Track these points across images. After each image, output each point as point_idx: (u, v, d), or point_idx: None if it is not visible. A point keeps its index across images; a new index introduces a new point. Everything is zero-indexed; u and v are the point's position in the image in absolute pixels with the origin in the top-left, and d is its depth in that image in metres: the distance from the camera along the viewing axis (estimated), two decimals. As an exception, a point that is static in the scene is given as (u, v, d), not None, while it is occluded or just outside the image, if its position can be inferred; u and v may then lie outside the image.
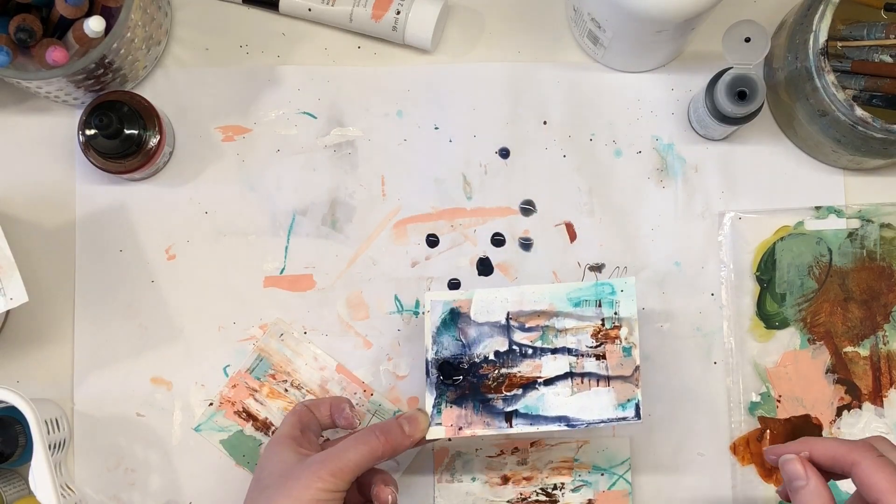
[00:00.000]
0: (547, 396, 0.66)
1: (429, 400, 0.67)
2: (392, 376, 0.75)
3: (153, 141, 0.73)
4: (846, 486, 0.74)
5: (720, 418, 0.75)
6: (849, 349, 0.75)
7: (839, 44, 0.72)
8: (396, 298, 0.76)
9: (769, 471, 0.74)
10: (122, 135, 0.71)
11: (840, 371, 0.75)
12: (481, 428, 0.66)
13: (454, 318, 0.68)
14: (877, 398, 0.74)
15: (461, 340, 0.67)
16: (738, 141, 0.77)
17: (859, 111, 0.67)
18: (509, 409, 0.66)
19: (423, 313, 0.68)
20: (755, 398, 0.75)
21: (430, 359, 0.67)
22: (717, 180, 0.77)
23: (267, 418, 0.75)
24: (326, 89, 0.77)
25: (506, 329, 0.67)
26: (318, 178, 0.77)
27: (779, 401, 0.75)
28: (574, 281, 0.75)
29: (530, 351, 0.67)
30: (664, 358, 0.75)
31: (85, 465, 0.74)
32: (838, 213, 0.76)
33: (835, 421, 0.74)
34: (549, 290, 0.68)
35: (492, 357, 0.67)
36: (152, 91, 0.77)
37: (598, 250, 0.76)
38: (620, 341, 0.67)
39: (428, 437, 0.66)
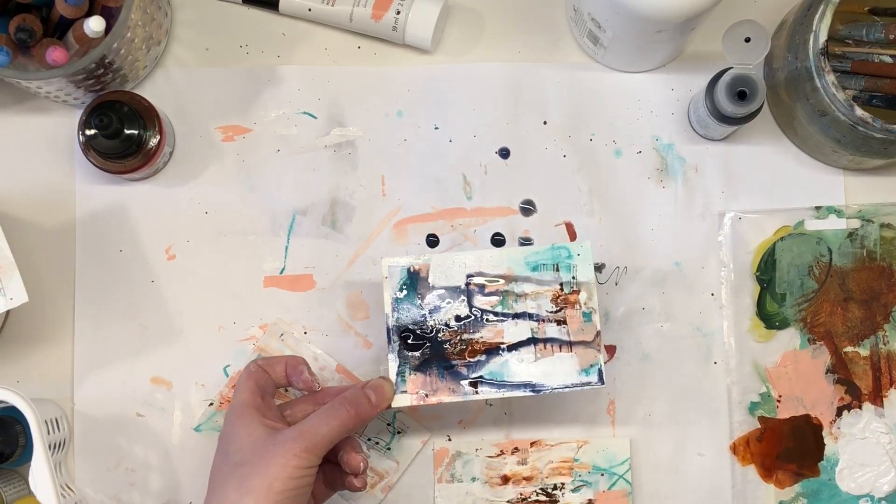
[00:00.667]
0: (511, 363, 0.66)
1: (392, 367, 0.66)
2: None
3: (153, 141, 0.73)
4: (846, 487, 0.74)
5: (720, 418, 0.75)
6: (849, 349, 0.75)
7: (838, 49, 0.72)
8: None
9: (769, 470, 0.74)
10: (122, 135, 0.71)
11: (840, 371, 0.75)
12: (447, 395, 0.66)
13: (413, 284, 0.67)
14: (877, 398, 0.74)
15: (421, 307, 0.67)
16: (738, 141, 0.77)
17: (859, 111, 0.67)
18: (474, 375, 0.66)
19: (383, 279, 0.67)
20: (755, 398, 0.75)
21: (390, 325, 0.67)
22: (717, 180, 0.77)
23: (267, 418, 0.75)
24: (326, 89, 0.77)
25: (465, 293, 0.67)
26: (318, 178, 0.77)
27: (779, 401, 0.75)
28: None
29: (491, 316, 0.67)
30: (664, 358, 0.75)
31: (85, 465, 0.74)
32: (838, 213, 0.76)
33: (835, 421, 0.74)
34: (506, 254, 0.68)
35: (452, 323, 0.67)
36: (152, 91, 0.77)
37: (598, 250, 0.76)
38: (580, 306, 0.67)
39: (394, 405, 0.66)
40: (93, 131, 0.71)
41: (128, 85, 0.76)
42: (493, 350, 0.67)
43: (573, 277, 0.67)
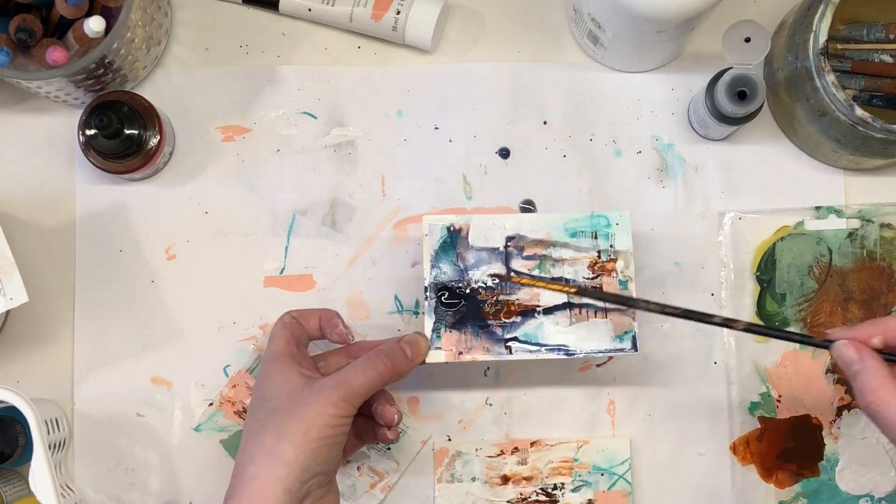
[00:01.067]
0: (546, 325, 0.67)
1: (428, 324, 0.67)
2: (392, 376, 0.75)
3: (153, 141, 0.73)
4: (846, 487, 0.74)
5: (720, 418, 0.75)
6: (849, 349, 0.75)
7: (839, 45, 0.72)
8: (396, 298, 0.76)
9: (769, 471, 0.74)
10: (122, 135, 0.71)
11: (840, 371, 0.75)
12: (481, 353, 0.66)
13: (453, 243, 0.68)
14: (877, 398, 0.74)
15: (459, 265, 0.68)
16: (738, 141, 0.77)
17: (859, 111, 0.67)
18: (509, 335, 0.67)
19: (423, 237, 0.68)
20: (755, 398, 0.75)
21: (428, 283, 0.67)
22: (717, 180, 0.77)
23: (267, 418, 0.75)
24: (326, 89, 0.77)
25: (504, 255, 0.68)
26: (318, 178, 0.77)
27: (779, 401, 0.75)
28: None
29: (528, 279, 0.68)
30: (664, 358, 0.75)
31: (85, 465, 0.74)
32: (838, 213, 0.76)
33: (835, 421, 0.74)
34: (545, 220, 0.68)
35: (490, 283, 0.67)
36: (152, 91, 0.77)
37: (598, 250, 0.76)
38: (617, 274, 0.67)
39: (428, 361, 0.66)
40: (93, 131, 0.71)
41: (128, 85, 0.76)
42: (528, 312, 0.67)
43: (611, 246, 0.68)
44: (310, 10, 0.76)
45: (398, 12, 0.75)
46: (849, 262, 0.75)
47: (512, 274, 0.67)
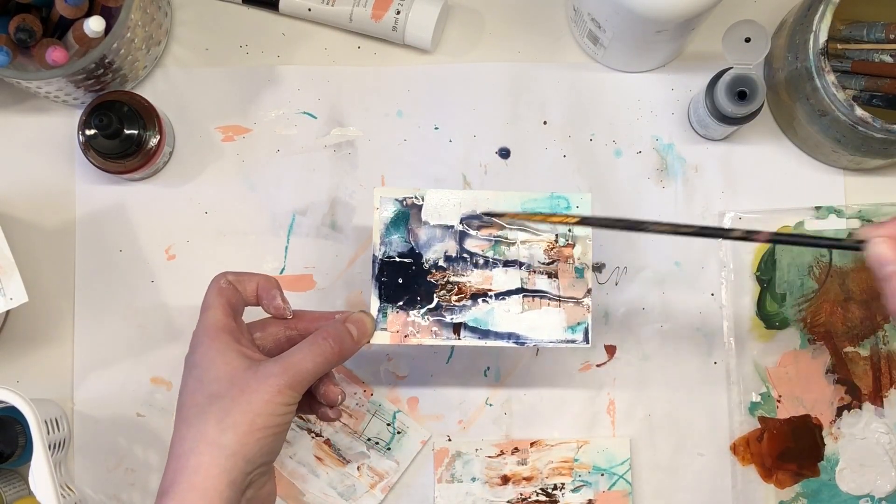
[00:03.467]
0: (497, 311, 0.64)
1: (374, 303, 0.64)
2: (392, 376, 0.75)
3: (153, 141, 0.73)
4: (846, 487, 0.74)
5: (720, 418, 0.75)
6: (849, 349, 0.75)
7: (839, 45, 0.72)
8: (396, 298, 0.76)
9: (769, 471, 0.74)
10: (122, 135, 0.71)
11: (840, 371, 0.75)
12: (428, 337, 0.63)
13: (405, 218, 0.65)
14: (877, 398, 0.74)
15: (411, 242, 0.65)
16: (738, 141, 0.77)
17: (859, 111, 0.67)
18: (458, 320, 0.64)
19: (374, 209, 0.65)
20: (755, 398, 0.75)
21: (377, 258, 0.64)
22: (717, 180, 0.77)
23: (267, 418, 0.75)
24: (326, 89, 0.77)
25: (457, 234, 0.65)
26: (318, 178, 0.77)
27: (779, 401, 0.75)
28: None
29: (482, 261, 0.65)
30: (664, 358, 0.75)
31: (85, 465, 0.74)
32: (838, 213, 0.76)
33: (835, 421, 0.74)
34: (504, 198, 0.65)
35: (441, 263, 0.64)
36: (152, 91, 0.77)
37: (598, 250, 0.76)
38: (573, 261, 0.64)
39: (372, 342, 0.63)
40: (93, 131, 0.71)
41: (128, 85, 0.76)
42: (479, 296, 0.64)
43: (569, 230, 0.65)
44: (310, 10, 0.76)
45: (398, 12, 0.75)
46: (849, 262, 0.75)
47: (497, 218, 0.64)
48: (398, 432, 0.75)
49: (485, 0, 0.78)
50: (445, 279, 0.64)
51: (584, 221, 0.63)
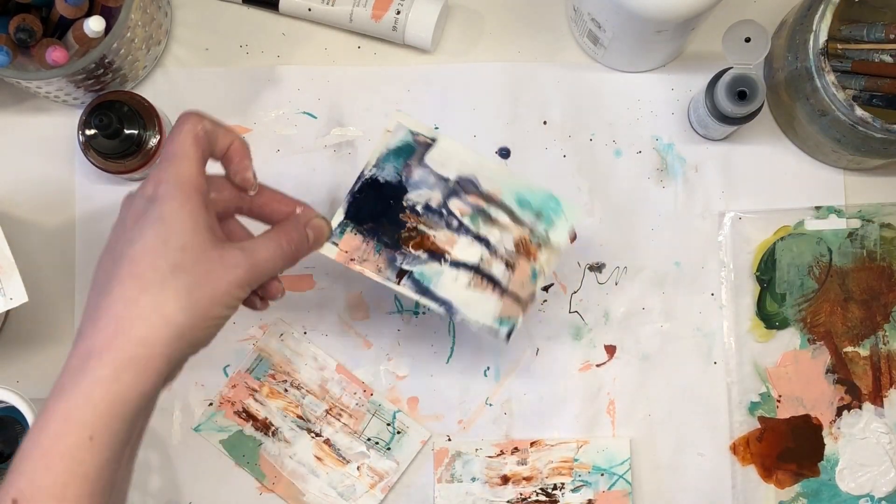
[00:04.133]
0: (445, 276, 0.64)
1: (338, 216, 0.63)
2: (392, 376, 0.75)
3: (153, 141, 0.73)
4: (846, 487, 0.74)
5: (720, 418, 0.75)
6: (849, 349, 0.75)
7: (839, 45, 0.72)
8: (396, 298, 0.76)
9: (769, 470, 0.74)
10: (122, 135, 0.71)
11: (840, 371, 0.75)
12: (372, 270, 0.63)
13: (408, 152, 0.64)
14: (877, 398, 0.74)
15: (401, 176, 0.64)
16: (738, 141, 0.77)
17: (859, 111, 0.67)
18: (406, 267, 0.63)
19: (385, 131, 0.64)
20: (755, 398, 0.75)
21: (363, 175, 0.64)
22: (717, 180, 0.77)
23: (267, 418, 0.75)
24: (326, 89, 0.77)
25: (447, 190, 0.64)
26: (318, 178, 0.77)
27: (779, 401, 0.75)
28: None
29: (455, 223, 0.64)
30: (664, 358, 0.75)
31: (85, 465, 0.74)
32: (838, 213, 0.76)
33: (835, 421, 0.74)
34: (504, 177, 0.65)
35: (419, 208, 0.64)
36: (152, 91, 0.77)
37: (598, 250, 0.76)
38: (534, 262, 0.64)
39: (320, 251, 0.62)
40: (93, 131, 0.71)
41: (128, 85, 0.76)
42: (436, 255, 0.64)
43: (545, 231, 0.65)
44: (310, 9, 0.76)
45: (398, 12, 0.75)
46: (849, 262, 0.75)
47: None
48: (398, 432, 0.75)
49: (485, 0, 0.78)
50: (415, 225, 0.64)
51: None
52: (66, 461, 0.48)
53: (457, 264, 0.64)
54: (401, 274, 0.64)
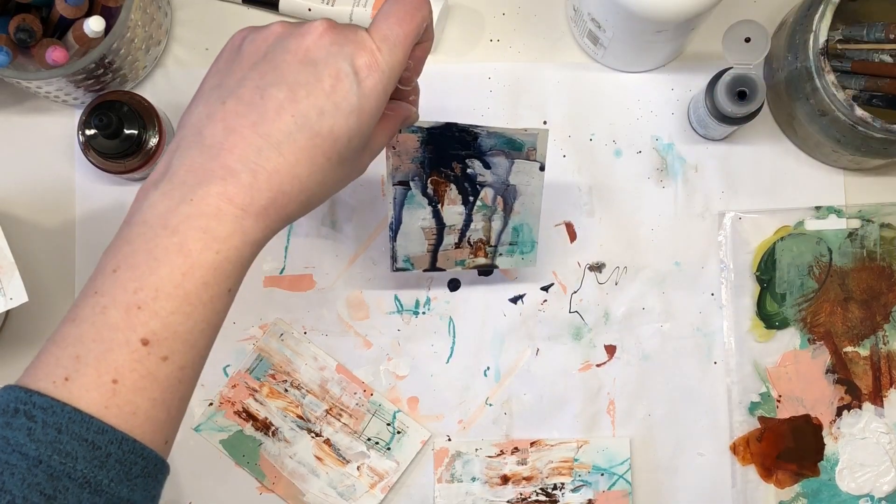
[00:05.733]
0: (419, 211, 0.68)
1: (421, 123, 0.62)
2: (392, 376, 0.75)
3: (153, 141, 0.73)
4: (846, 487, 0.74)
5: (720, 418, 0.75)
6: (849, 349, 0.75)
7: (839, 45, 0.72)
8: (396, 298, 0.76)
9: (769, 470, 0.74)
10: (122, 135, 0.71)
11: (840, 371, 0.75)
12: (393, 164, 0.65)
13: (517, 148, 0.67)
14: (877, 398, 0.74)
15: (487, 151, 0.67)
16: (738, 141, 0.77)
17: (859, 111, 0.67)
18: (411, 184, 0.67)
19: (525, 129, 0.66)
20: (755, 398, 0.75)
21: (476, 127, 0.65)
22: (717, 180, 0.77)
23: (267, 418, 0.75)
24: (326, 89, 0.77)
25: (500, 187, 0.69)
26: (318, 178, 0.76)
27: (779, 401, 0.75)
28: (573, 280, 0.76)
29: (471, 199, 0.69)
30: (664, 358, 0.75)
31: (85, 465, 0.74)
32: (838, 213, 0.76)
33: (835, 421, 0.74)
34: (532, 210, 0.71)
35: (469, 172, 0.67)
36: (152, 91, 0.77)
37: (598, 250, 0.76)
38: (472, 257, 0.72)
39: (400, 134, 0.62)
40: (93, 131, 0.71)
41: (128, 85, 0.76)
42: (434, 199, 0.68)
43: (500, 252, 0.72)
44: (310, 10, 0.76)
45: (398, 12, 0.75)
46: (849, 262, 0.75)
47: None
48: (398, 432, 0.75)
49: (485, 0, 0.78)
50: (452, 177, 0.67)
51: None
52: (208, 310, 0.47)
53: (436, 212, 0.68)
54: (402, 183, 0.66)
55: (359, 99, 0.49)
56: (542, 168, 0.68)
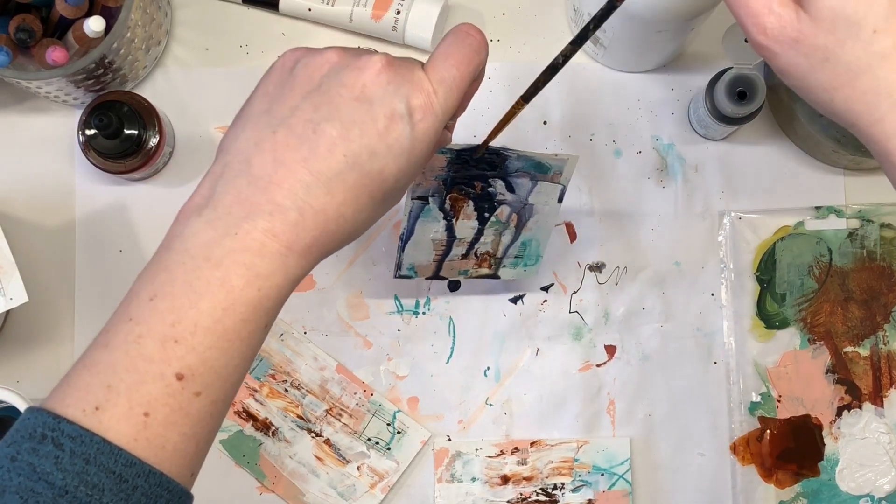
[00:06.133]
0: (432, 224, 0.67)
1: (451, 143, 0.60)
2: (392, 376, 0.75)
3: (153, 141, 0.73)
4: (846, 487, 0.74)
5: (720, 418, 0.75)
6: (849, 349, 0.75)
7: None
8: (396, 298, 0.76)
9: (769, 470, 0.74)
10: (122, 135, 0.71)
11: (840, 371, 0.75)
12: (416, 181, 0.63)
13: (543, 170, 0.66)
14: (877, 398, 0.74)
15: (511, 172, 0.65)
16: (738, 141, 0.77)
17: (859, 111, 0.67)
18: (430, 200, 0.65)
19: (556, 154, 0.66)
20: (755, 398, 0.75)
21: (501, 149, 0.63)
22: (717, 180, 0.77)
23: (267, 418, 0.75)
24: (326, 89, 0.77)
25: (519, 205, 0.68)
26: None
27: (779, 401, 0.75)
28: (573, 280, 0.76)
29: (486, 215, 0.68)
30: (664, 358, 0.75)
31: (85, 465, 0.74)
32: (838, 213, 0.76)
33: (835, 421, 0.74)
34: (545, 228, 0.70)
35: (490, 191, 0.66)
36: (152, 91, 0.77)
37: (598, 250, 0.76)
38: (476, 267, 0.72)
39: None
40: (93, 131, 0.71)
41: (128, 85, 0.76)
42: (450, 214, 0.67)
43: (504, 264, 0.71)
44: (310, 10, 0.76)
45: (398, 12, 0.75)
46: (849, 262, 0.75)
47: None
48: (398, 432, 0.75)
49: (485, 0, 0.78)
50: (472, 195, 0.66)
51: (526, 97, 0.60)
52: (244, 346, 0.47)
53: (450, 226, 0.68)
54: (421, 198, 0.65)
55: (411, 142, 0.48)
56: (562, 194, 0.67)
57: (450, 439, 0.75)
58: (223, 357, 0.46)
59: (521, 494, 0.74)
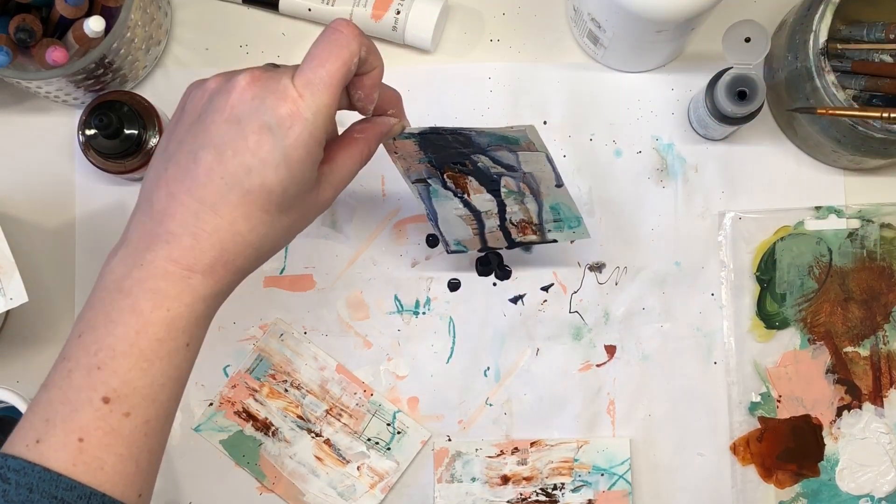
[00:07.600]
0: (449, 201, 0.68)
1: (410, 129, 0.61)
2: (392, 376, 0.75)
3: (153, 141, 0.73)
4: (846, 487, 0.74)
5: (720, 418, 0.75)
6: (849, 349, 0.75)
7: (839, 45, 0.72)
8: (396, 298, 0.76)
9: (769, 470, 0.74)
10: (122, 135, 0.71)
11: (840, 371, 0.75)
12: (402, 166, 0.65)
13: (513, 143, 0.64)
14: (877, 398, 0.74)
15: (489, 147, 0.64)
16: (738, 141, 0.77)
17: (859, 111, 0.67)
18: (430, 181, 0.66)
19: (510, 126, 0.64)
20: (755, 398, 0.75)
21: (465, 129, 0.62)
22: (717, 180, 0.77)
23: (267, 418, 0.75)
24: (326, 89, 0.77)
25: (517, 175, 0.66)
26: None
27: (779, 401, 0.75)
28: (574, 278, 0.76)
29: (495, 188, 0.67)
30: (664, 358, 0.75)
31: (85, 465, 0.74)
32: (838, 213, 0.76)
33: (835, 421, 0.74)
34: (559, 192, 0.67)
35: (480, 166, 0.65)
36: (152, 91, 0.77)
37: (598, 250, 0.76)
38: (522, 235, 0.71)
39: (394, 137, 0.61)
40: (93, 131, 0.71)
41: (128, 85, 0.76)
42: (458, 190, 0.67)
43: (550, 228, 0.70)
44: (310, 10, 0.76)
45: (398, 12, 0.75)
46: (849, 262, 0.75)
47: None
48: (398, 432, 0.75)
49: (485, 0, 0.78)
50: (466, 171, 0.66)
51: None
52: (165, 365, 0.50)
53: (466, 202, 0.68)
54: (419, 181, 0.66)
55: (284, 150, 0.49)
56: (550, 161, 0.66)
57: (450, 439, 0.75)
58: (145, 377, 0.49)
59: (521, 494, 0.74)
